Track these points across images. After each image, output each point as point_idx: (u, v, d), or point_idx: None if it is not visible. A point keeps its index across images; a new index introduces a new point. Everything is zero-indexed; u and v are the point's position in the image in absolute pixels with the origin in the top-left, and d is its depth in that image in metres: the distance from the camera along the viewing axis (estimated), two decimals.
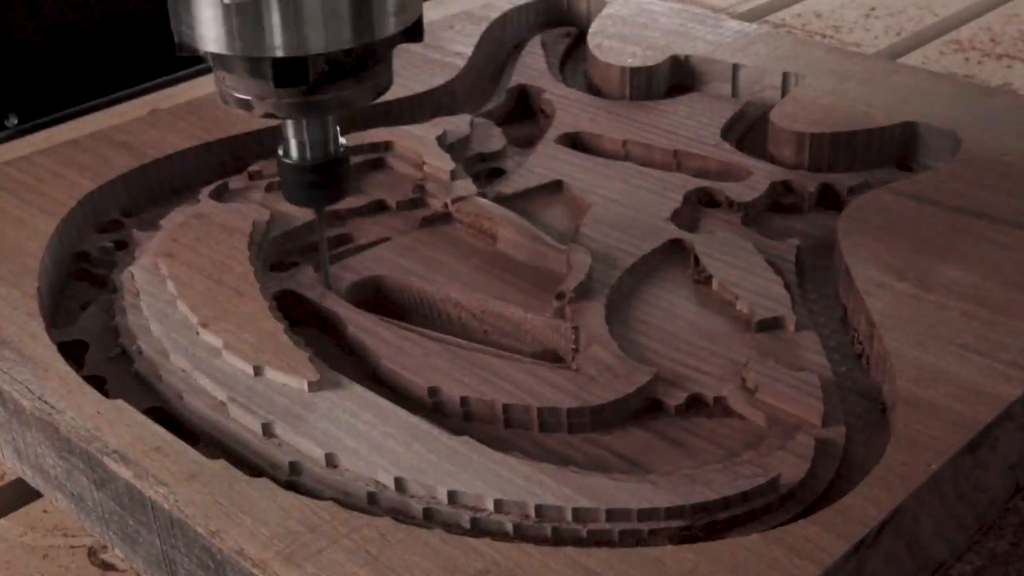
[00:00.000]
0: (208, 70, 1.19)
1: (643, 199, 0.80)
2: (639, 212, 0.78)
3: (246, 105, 0.61)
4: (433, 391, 0.63)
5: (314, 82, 0.60)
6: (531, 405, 0.61)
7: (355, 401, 0.60)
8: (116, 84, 1.17)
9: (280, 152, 0.65)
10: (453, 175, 0.80)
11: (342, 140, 0.65)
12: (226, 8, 0.57)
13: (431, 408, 0.63)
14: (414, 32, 0.62)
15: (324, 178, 0.65)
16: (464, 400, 0.62)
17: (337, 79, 0.60)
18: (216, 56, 0.59)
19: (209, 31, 0.58)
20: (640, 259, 0.73)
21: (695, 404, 0.63)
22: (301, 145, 0.64)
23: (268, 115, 0.61)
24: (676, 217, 0.77)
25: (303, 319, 0.70)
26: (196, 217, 0.75)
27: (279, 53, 0.58)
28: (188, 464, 0.56)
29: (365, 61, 0.61)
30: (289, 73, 0.59)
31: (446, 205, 0.78)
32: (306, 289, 0.71)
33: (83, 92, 1.16)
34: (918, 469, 0.54)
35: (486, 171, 0.85)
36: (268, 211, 0.75)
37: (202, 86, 1.09)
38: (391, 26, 0.60)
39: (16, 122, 1.16)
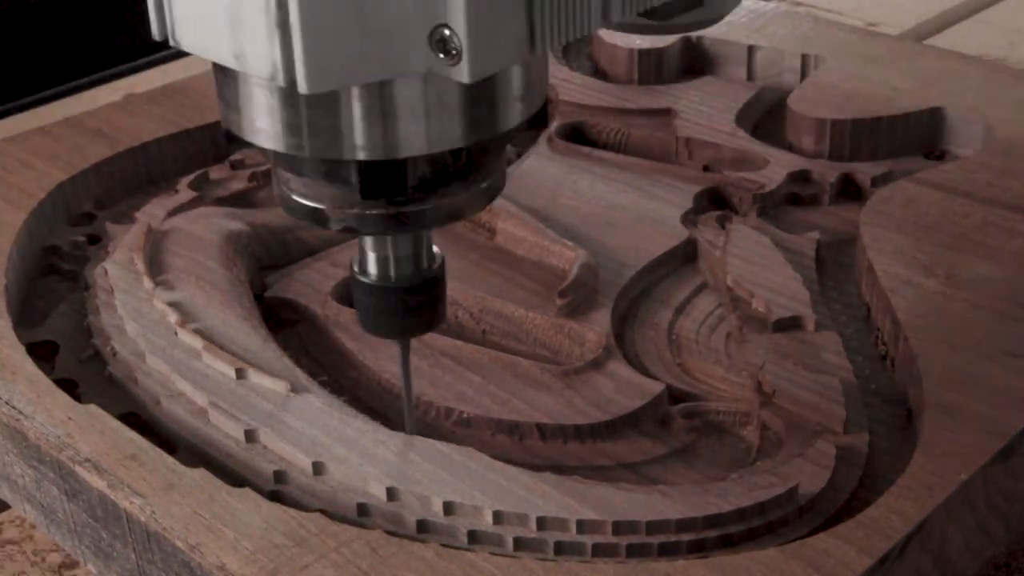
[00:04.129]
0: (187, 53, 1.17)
1: (653, 191, 0.80)
2: (649, 204, 0.78)
3: (319, 218, 0.50)
4: (427, 401, 0.63)
5: (412, 189, 0.48)
6: (531, 422, 0.61)
7: (344, 406, 0.60)
8: None
9: (355, 268, 0.54)
10: None
11: (436, 249, 0.54)
12: (294, 97, 0.45)
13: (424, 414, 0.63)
14: (539, 119, 0.49)
15: (415, 302, 0.54)
16: (461, 413, 0.62)
17: (441, 184, 0.49)
18: (279, 154, 0.47)
19: (267, 123, 0.46)
20: (651, 255, 0.73)
21: (708, 409, 0.63)
22: (384, 261, 0.53)
23: (348, 230, 0.51)
24: (687, 210, 0.78)
25: (289, 320, 0.70)
26: (170, 230, 0.74)
27: (367, 156, 0.46)
28: (166, 473, 0.55)
29: (477, 159, 0.49)
30: (380, 180, 0.47)
31: None
32: (292, 291, 0.71)
33: None
34: (946, 479, 0.54)
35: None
36: (245, 224, 0.75)
37: (180, 70, 1.09)
38: (515, 116, 0.47)
39: None
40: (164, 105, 0.87)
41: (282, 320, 0.70)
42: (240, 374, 0.62)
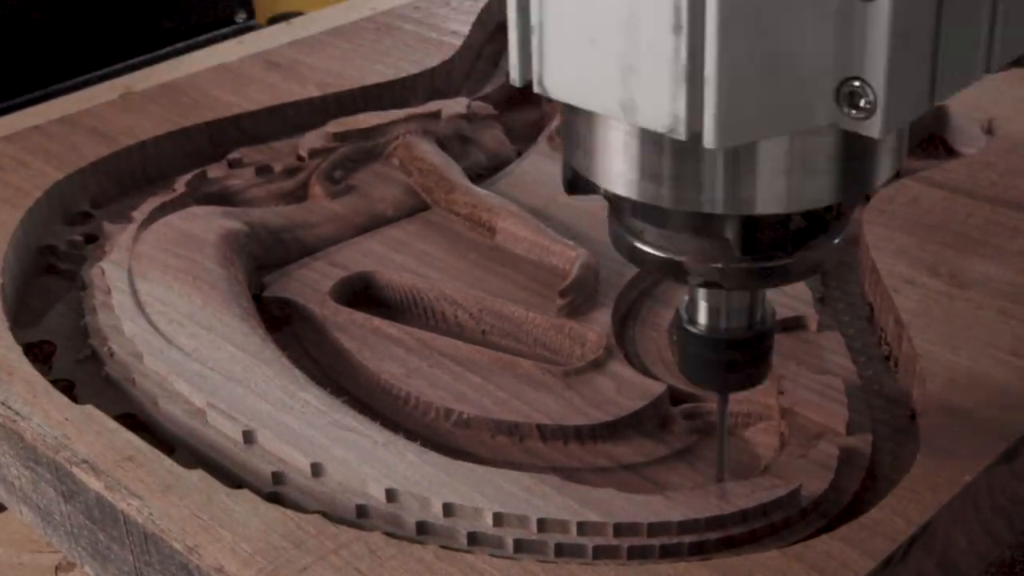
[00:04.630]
0: (187, 49, 1.17)
1: None
2: None
3: (675, 271, 0.48)
4: (427, 402, 0.63)
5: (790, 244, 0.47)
6: (531, 423, 0.61)
7: (343, 406, 0.60)
8: None
9: (683, 315, 0.52)
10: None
11: (769, 303, 0.52)
12: (677, 149, 0.43)
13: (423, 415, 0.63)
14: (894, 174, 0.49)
15: (743, 356, 0.52)
16: (460, 414, 0.62)
17: (811, 238, 0.47)
18: (636, 204, 0.46)
19: (628, 170, 0.45)
20: None
21: (710, 410, 0.63)
22: (715, 312, 0.51)
23: (709, 284, 0.48)
24: None
25: (287, 321, 0.70)
26: (163, 225, 0.74)
27: (756, 210, 0.44)
28: (163, 475, 0.55)
29: (845, 212, 0.48)
30: (765, 236, 0.46)
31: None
32: (290, 290, 0.71)
33: None
34: (950, 480, 0.54)
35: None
36: (243, 223, 0.75)
37: (177, 68, 1.09)
38: (888, 170, 0.47)
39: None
40: (161, 103, 0.87)
41: (280, 320, 0.70)
42: (238, 375, 0.61)
